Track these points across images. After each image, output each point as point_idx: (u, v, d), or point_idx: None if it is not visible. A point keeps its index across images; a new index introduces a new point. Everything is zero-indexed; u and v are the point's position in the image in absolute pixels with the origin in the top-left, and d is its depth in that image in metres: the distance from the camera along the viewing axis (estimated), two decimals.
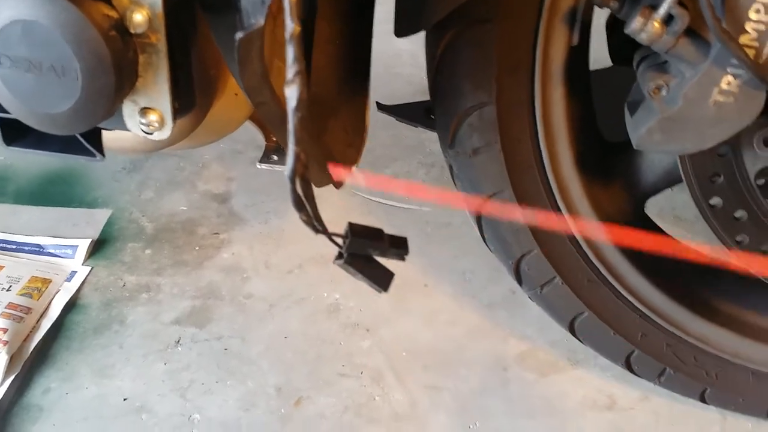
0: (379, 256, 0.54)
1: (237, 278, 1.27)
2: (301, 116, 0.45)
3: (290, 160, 0.45)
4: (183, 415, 1.07)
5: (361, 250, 0.53)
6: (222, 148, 1.48)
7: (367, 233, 0.53)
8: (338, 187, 0.94)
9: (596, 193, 0.89)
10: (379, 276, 0.55)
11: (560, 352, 1.15)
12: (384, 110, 1.29)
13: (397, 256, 0.55)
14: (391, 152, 1.51)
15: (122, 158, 1.50)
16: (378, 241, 0.54)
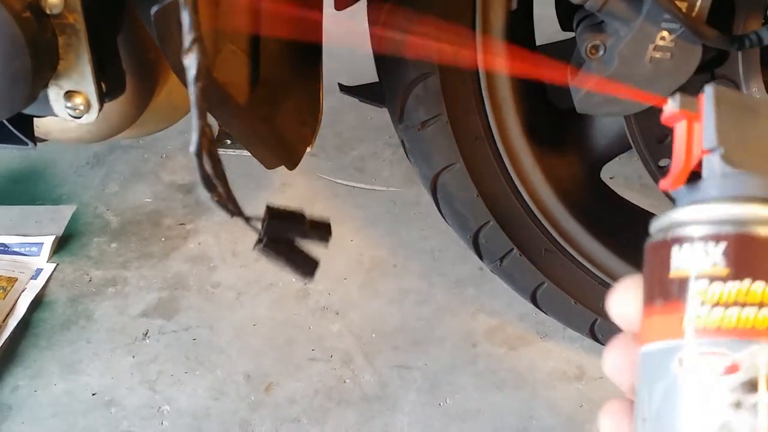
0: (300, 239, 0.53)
1: (204, 268, 1.26)
2: (203, 87, 0.44)
3: (195, 135, 0.44)
4: (152, 407, 1.07)
5: (281, 234, 0.52)
6: (186, 139, 1.46)
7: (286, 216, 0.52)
8: (291, 169, 0.93)
9: (549, 162, 0.88)
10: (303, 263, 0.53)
11: (529, 326, 1.15)
12: (347, 91, 1.28)
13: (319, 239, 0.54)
14: (358, 134, 1.50)
15: (85, 153, 1.48)
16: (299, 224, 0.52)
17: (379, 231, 1.32)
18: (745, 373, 0.27)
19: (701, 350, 0.28)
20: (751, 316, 0.28)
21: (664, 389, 0.29)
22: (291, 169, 0.92)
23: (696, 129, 0.31)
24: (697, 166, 0.31)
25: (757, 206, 0.29)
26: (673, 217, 0.31)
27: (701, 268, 0.29)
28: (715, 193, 0.31)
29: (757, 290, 0.28)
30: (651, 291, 0.31)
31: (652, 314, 0.31)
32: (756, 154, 0.31)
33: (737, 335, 0.28)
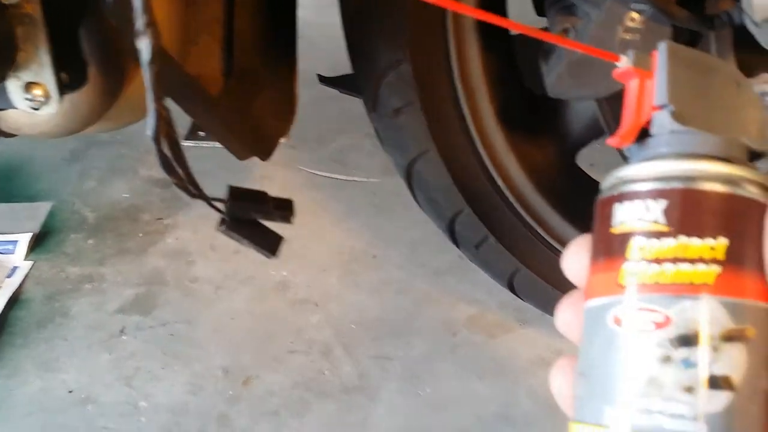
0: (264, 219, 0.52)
1: (182, 262, 1.24)
2: (158, 70, 0.43)
3: (151, 118, 0.43)
4: (129, 403, 1.06)
5: (244, 214, 0.51)
6: None
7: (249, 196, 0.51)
8: (264, 159, 0.92)
9: (523, 148, 0.87)
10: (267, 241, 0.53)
11: (509, 313, 1.15)
12: (326, 82, 1.27)
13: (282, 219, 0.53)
14: (338, 125, 1.49)
15: (62, 149, 1.46)
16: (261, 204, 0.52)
17: (359, 222, 1.31)
18: (676, 328, 0.27)
19: (636, 306, 0.28)
20: (685, 271, 0.28)
21: (600, 344, 0.29)
22: (264, 159, 0.91)
23: (648, 86, 0.31)
24: (649, 123, 0.31)
25: (698, 163, 0.29)
26: (617, 175, 0.31)
27: (640, 224, 0.29)
28: (661, 150, 0.31)
29: (692, 246, 0.28)
30: (596, 248, 0.31)
31: (596, 271, 0.31)
32: (706, 112, 0.31)
33: (671, 291, 0.28)
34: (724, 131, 0.30)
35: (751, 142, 0.31)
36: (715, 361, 0.27)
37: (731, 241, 0.28)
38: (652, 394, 0.27)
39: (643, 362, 0.28)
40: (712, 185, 0.29)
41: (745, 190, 0.29)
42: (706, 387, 0.27)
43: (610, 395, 0.28)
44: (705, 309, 0.27)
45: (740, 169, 0.29)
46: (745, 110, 0.32)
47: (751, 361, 0.28)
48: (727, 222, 0.28)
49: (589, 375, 0.30)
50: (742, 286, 0.28)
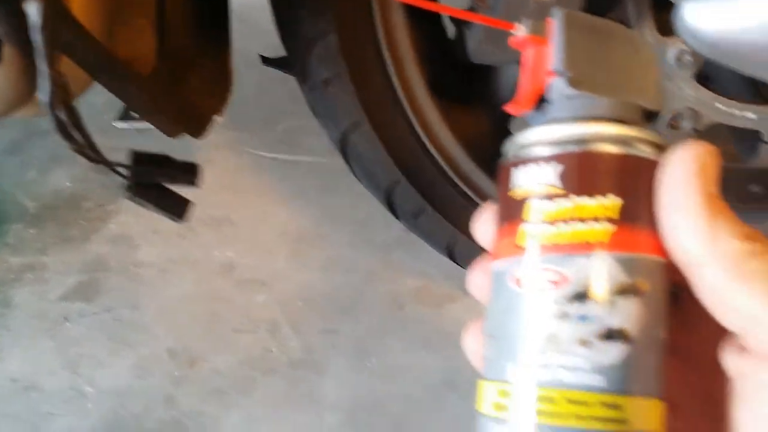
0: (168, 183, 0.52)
1: (125, 248, 1.23)
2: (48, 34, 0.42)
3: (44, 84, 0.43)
4: (74, 389, 1.05)
5: (148, 179, 0.51)
6: (104, 120, 1.42)
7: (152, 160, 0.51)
8: (197, 137, 0.91)
9: (456, 117, 0.88)
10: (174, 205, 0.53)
11: (454, 283, 1.16)
12: (268, 63, 1.26)
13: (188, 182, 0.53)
14: (284, 106, 1.48)
15: (2, 140, 1.43)
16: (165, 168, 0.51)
17: (306, 202, 1.31)
18: (572, 285, 0.28)
19: (534, 266, 0.29)
20: (580, 231, 0.29)
21: (504, 305, 0.30)
22: (196, 137, 0.91)
23: (544, 53, 0.32)
24: (546, 89, 0.32)
25: (591, 125, 0.30)
26: (516, 140, 0.32)
27: (537, 187, 0.30)
28: (557, 114, 0.31)
29: (586, 206, 0.29)
30: (499, 213, 0.32)
31: (499, 235, 0.32)
32: (601, 76, 0.31)
33: (567, 250, 0.29)
34: (620, 94, 0.31)
35: (645, 102, 0.32)
36: (610, 314, 0.28)
37: (624, 200, 0.29)
38: (551, 350, 0.28)
39: (542, 320, 0.29)
40: (603, 146, 0.29)
41: (637, 149, 0.29)
42: (601, 340, 0.28)
43: (513, 353, 0.29)
44: (599, 265, 0.28)
45: (632, 129, 0.30)
46: (641, 71, 0.32)
47: (645, 314, 0.28)
48: (619, 181, 0.29)
49: (495, 335, 0.31)
50: (635, 242, 0.29)
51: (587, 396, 0.28)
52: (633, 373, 0.28)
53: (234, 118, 1.44)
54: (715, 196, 0.28)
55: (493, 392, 0.30)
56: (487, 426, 0.30)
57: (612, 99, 0.31)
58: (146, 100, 0.85)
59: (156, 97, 0.86)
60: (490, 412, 0.30)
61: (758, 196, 0.86)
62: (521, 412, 0.28)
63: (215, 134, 1.43)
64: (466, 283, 0.36)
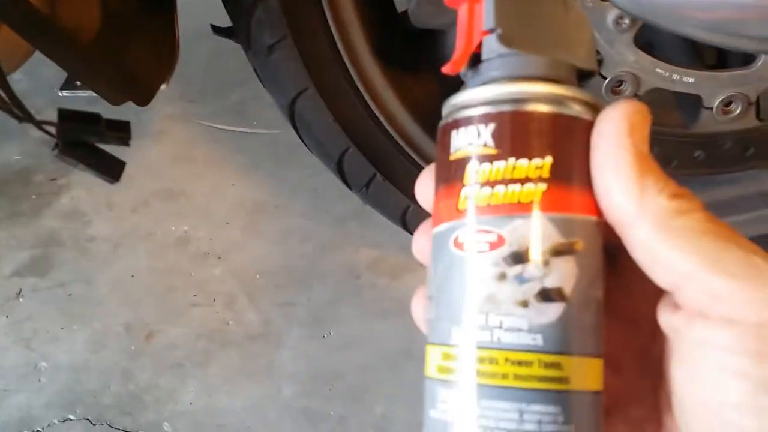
0: (98, 142, 0.51)
1: (78, 223, 1.21)
2: None
3: None
4: (28, 365, 1.04)
5: (76, 137, 0.50)
6: (54, 93, 1.39)
7: (80, 118, 0.50)
8: (141, 105, 0.90)
9: (403, 83, 0.88)
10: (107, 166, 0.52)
11: (410, 254, 1.14)
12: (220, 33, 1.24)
13: (118, 141, 0.52)
14: (237, 77, 1.46)
15: None
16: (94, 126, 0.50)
17: (261, 174, 1.30)
18: (509, 246, 0.28)
19: (473, 228, 0.29)
20: (515, 192, 0.28)
21: (444, 268, 0.30)
22: (141, 105, 0.89)
23: (477, 11, 0.31)
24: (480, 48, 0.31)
25: (524, 85, 0.30)
26: (451, 102, 0.31)
27: (472, 149, 0.29)
28: (491, 74, 0.31)
29: (520, 166, 0.29)
30: (438, 175, 0.32)
31: (439, 198, 0.31)
32: (534, 35, 0.31)
33: (503, 211, 0.28)
34: (552, 53, 0.31)
35: (578, 62, 0.31)
36: (546, 274, 0.28)
37: (558, 159, 0.29)
38: (490, 311, 0.28)
39: (481, 281, 0.29)
40: (537, 106, 0.29)
41: (570, 108, 0.29)
42: (538, 300, 0.28)
43: (454, 316, 0.29)
44: (534, 226, 0.28)
45: (565, 88, 0.30)
46: (573, 31, 0.32)
47: (581, 273, 0.29)
48: (553, 141, 0.29)
49: (436, 298, 0.30)
50: (569, 202, 0.29)
51: (527, 356, 0.28)
52: (571, 333, 0.28)
53: (186, 88, 1.42)
54: (644, 155, 0.28)
55: (438, 355, 0.30)
56: (433, 389, 0.30)
57: (544, 57, 0.30)
58: (86, 67, 0.83)
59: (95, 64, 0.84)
60: (435, 375, 0.30)
61: (702, 162, 0.88)
62: (464, 373, 0.28)
63: (167, 105, 1.42)
64: (412, 246, 0.36)
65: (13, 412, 0.98)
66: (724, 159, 0.86)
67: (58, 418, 0.98)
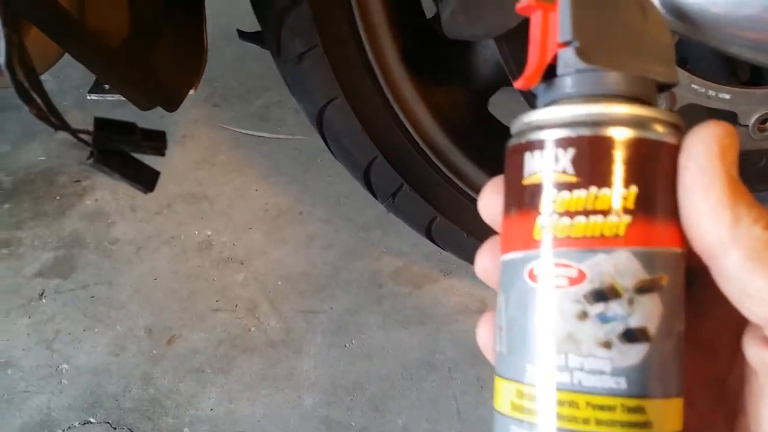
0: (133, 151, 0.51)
1: (101, 224, 1.22)
2: None
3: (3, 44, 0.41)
4: (50, 366, 1.04)
5: (112, 146, 0.49)
6: (80, 94, 1.40)
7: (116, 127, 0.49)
8: (170, 110, 0.90)
9: (432, 93, 0.87)
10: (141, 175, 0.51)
11: (433, 264, 1.16)
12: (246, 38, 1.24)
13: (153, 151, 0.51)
14: (262, 82, 1.46)
15: None
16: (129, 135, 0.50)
17: (285, 179, 1.30)
18: (590, 283, 0.27)
19: (550, 261, 0.27)
20: (597, 224, 0.27)
21: (517, 299, 0.29)
22: (169, 111, 0.89)
23: (552, 20, 0.29)
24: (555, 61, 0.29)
25: (605, 106, 0.28)
26: (524, 120, 0.29)
27: (549, 175, 0.28)
28: (567, 91, 0.29)
29: (602, 196, 0.27)
30: (508, 198, 0.30)
31: (508, 222, 0.30)
32: (613, 46, 0.29)
33: (584, 245, 0.27)
34: (634, 68, 0.29)
35: (660, 76, 0.29)
36: (631, 314, 0.27)
37: (642, 189, 0.27)
38: (570, 351, 0.27)
39: (559, 319, 0.27)
40: (619, 130, 0.27)
41: (654, 131, 0.27)
42: (622, 341, 0.26)
43: (529, 352, 0.28)
44: (618, 262, 0.27)
45: (649, 108, 0.28)
46: (653, 39, 0.30)
47: (665, 309, 0.27)
48: (638, 168, 0.27)
49: (508, 330, 0.29)
50: (654, 235, 0.27)
51: (610, 400, 0.26)
52: (655, 374, 0.27)
53: (211, 92, 1.42)
54: (736, 180, 0.26)
55: (511, 392, 0.29)
56: (507, 426, 0.29)
57: (625, 74, 0.28)
58: (115, 71, 0.83)
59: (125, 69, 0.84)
60: (508, 412, 0.29)
61: None
62: (541, 415, 0.27)
63: (193, 109, 1.42)
64: (474, 265, 0.34)
65: (34, 414, 0.98)
66: (759, 177, 0.84)
67: (78, 420, 0.98)
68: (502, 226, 0.30)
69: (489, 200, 0.32)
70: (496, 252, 0.31)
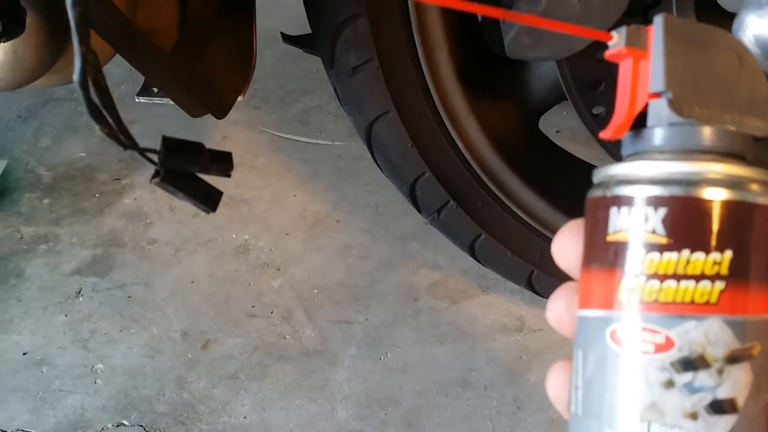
0: (199, 172, 0.49)
1: (140, 224, 1.22)
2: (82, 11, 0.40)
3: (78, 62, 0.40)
4: (85, 366, 1.04)
5: (179, 166, 0.48)
6: (122, 90, 1.40)
7: (184, 147, 0.48)
8: (219, 117, 0.89)
9: (485, 110, 0.86)
10: (205, 195, 0.50)
11: (471, 279, 1.14)
12: (290, 41, 1.23)
13: (220, 172, 0.50)
14: (302, 86, 1.46)
15: (17, 106, 1.41)
16: (197, 156, 0.49)
17: (323, 185, 1.29)
18: (679, 351, 0.25)
19: (634, 324, 0.26)
20: (688, 289, 0.25)
21: (597, 360, 0.27)
22: (219, 117, 0.88)
23: (643, 68, 0.27)
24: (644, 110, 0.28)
25: (700, 164, 0.26)
26: (612, 172, 0.28)
27: (638, 234, 0.26)
28: (658, 144, 0.27)
29: (696, 261, 0.25)
30: (588, 252, 0.28)
31: (589, 277, 0.28)
32: (707, 97, 0.27)
33: (673, 310, 0.25)
34: (731, 122, 0.27)
35: (757, 131, 0.28)
36: (720, 384, 0.25)
37: (737, 253, 0.25)
38: (653, 420, 0.25)
39: (643, 387, 0.26)
40: (715, 191, 0.26)
41: (751, 193, 0.26)
42: (709, 412, 0.25)
43: (608, 418, 0.26)
44: (709, 330, 0.25)
45: (745, 168, 0.26)
46: (749, 88, 0.28)
47: (755, 380, 0.26)
48: (733, 232, 0.25)
49: (585, 391, 0.28)
50: (747, 302, 0.26)
51: None
52: None
53: (253, 95, 1.41)
54: None
55: None
56: None
57: (721, 130, 0.27)
58: (167, 76, 0.82)
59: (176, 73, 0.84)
60: None
61: None
62: None
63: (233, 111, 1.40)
64: (546, 312, 0.32)
65: (68, 413, 0.99)
66: None
67: (112, 422, 0.98)
68: (582, 279, 0.29)
69: (566, 246, 0.30)
70: (571, 301, 0.30)
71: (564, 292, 0.31)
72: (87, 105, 0.45)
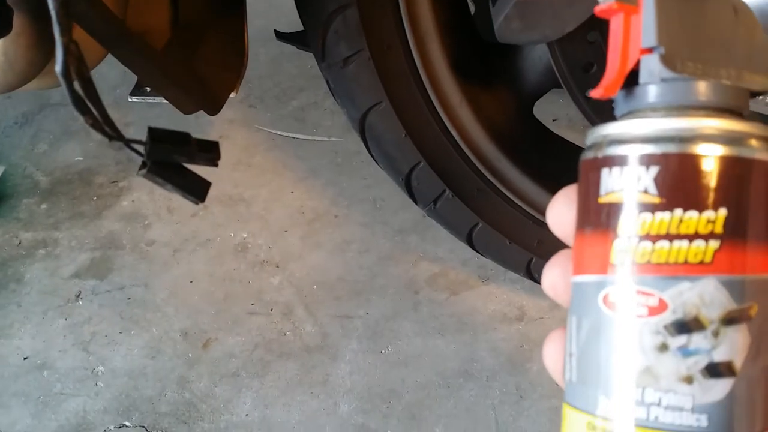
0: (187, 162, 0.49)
1: (138, 226, 1.22)
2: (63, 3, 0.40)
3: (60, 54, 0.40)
4: (86, 369, 1.04)
5: (166, 157, 0.48)
6: (117, 94, 1.40)
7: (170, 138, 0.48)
8: (211, 114, 0.89)
9: (478, 98, 0.85)
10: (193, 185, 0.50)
11: (471, 270, 1.14)
12: (283, 38, 1.23)
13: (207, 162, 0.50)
14: (298, 83, 1.45)
15: (13, 112, 1.42)
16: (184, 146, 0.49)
17: (321, 182, 1.29)
18: (672, 313, 0.25)
19: (627, 287, 0.25)
20: (681, 249, 0.25)
21: (590, 326, 0.27)
22: (212, 114, 0.88)
23: (634, 23, 0.26)
24: (636, 67, 0.27)
25: (693, 120, 0.25)
26: (603, 132, 0.27)
27: (630, 194, 0.25)
28: (650, 101, 0.26)
29: (689, 220, 0.25)
30: (581, 216, 0.28)
31: (582, 242, 0.27)
32: (701, 52, 0.26)
33: (666, 271, 0.25)
34: (725, 76, 0.26)
35: (755, 85, 0.27)
36: (715, 347, 0.24)
37: (732, 211, 0.24)
38: (648, 385, 0.25)
39: (637, 351, 0.25)
40: (709, 147, 0.25)
41: (749, 148, 0.25)
42: (705, 376, 0.24)
43: (602, 384, 0.26)
44: (704, 291, 0.24)
45: (741, 122, 0.25)
46: (745, 42, 0.27)
47: (753, 341, 0.25)
48: (729, 189, 0.24)
49: (579, 358, 0.27)
50: (743, 261, 0.25)
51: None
52: (739, 411, 0.25)
53: (247, 93, 1.41)
54: None
55: (581, 424, 0.27)
56: None
57: (715, 84, 0.26)
58: (159, 74, 0.82)
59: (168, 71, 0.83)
60: None
61: None
62: None
63: (229, 110, 1.41)
64: (542, 280, 0.31)
65: (70, 416, 0.98)
66: None
67: (114, 424, 0.98)
68: (575, 245, 0.28)
69: (560, 212, 0.29)
70: (566, 268, 0.29)
71: (560, 259, 0.30)
72: (70, 96, 0.45)
